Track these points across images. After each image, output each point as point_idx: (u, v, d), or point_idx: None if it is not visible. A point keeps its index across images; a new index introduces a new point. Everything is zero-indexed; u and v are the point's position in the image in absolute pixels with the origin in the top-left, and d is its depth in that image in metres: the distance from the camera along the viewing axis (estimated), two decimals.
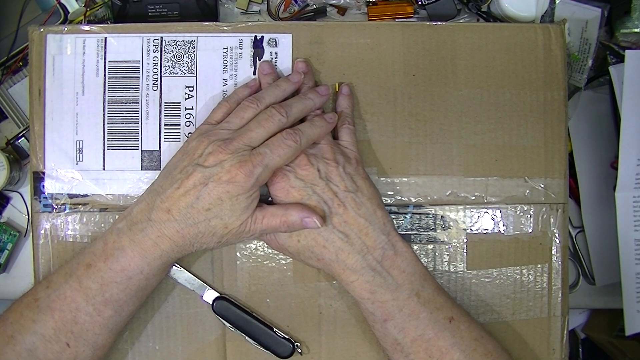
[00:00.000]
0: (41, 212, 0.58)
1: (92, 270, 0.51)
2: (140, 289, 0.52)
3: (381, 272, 0.52)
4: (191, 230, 0.50)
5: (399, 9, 0.65)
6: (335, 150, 0.54)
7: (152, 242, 0.50)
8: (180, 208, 0.50)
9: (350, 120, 0.57)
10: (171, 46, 0.58)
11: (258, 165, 0.50)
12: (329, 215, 0.52)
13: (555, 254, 0.59)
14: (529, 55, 0.59)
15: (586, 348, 0.92)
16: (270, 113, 0.53)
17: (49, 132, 0.58)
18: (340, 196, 0.53)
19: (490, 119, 0.59)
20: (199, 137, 0.53)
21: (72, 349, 0.51)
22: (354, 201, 0.53)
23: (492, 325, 0.59)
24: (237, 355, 0.58)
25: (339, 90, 0.58)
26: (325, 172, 0.53)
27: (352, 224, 0.52)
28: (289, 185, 0.53)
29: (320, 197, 0.52)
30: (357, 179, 0.54)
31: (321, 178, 0.53)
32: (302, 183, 0.53)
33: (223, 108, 0.55)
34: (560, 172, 0.59)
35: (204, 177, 0.50)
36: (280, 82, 0.56)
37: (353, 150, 0.56)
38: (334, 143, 0.55)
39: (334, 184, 0.53)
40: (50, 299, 0.51)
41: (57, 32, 0.58)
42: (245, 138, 0.51)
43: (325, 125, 0.55)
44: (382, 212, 0.54)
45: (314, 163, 0.53)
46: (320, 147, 0.54)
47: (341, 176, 0.53)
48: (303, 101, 0.55)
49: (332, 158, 0.54)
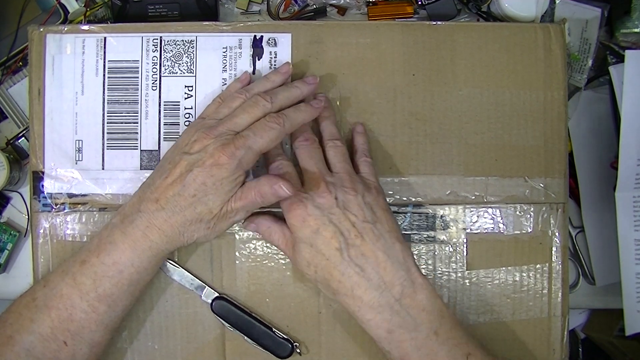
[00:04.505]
0: (40, 211, 0.58)
1: (86, 266, 0.51)
2: (132, 283, 0.52)
3: (399, 311, 0.50)
4: (178, 218, 0.50)
5: (399, 9, 0.65)
6: (354, 179, 0.53)
7: (141, 233, 0.50)
8: (168, 197, 0.50)
9: (367, 154, 0.56)
10: (171, 46, 0.58)
11: (241, 147, 0.50)
12: (344, 247, 0.50)
13: (555, 254, 0.59)
14: (529, 55, 0.59)
15: (586, 348, 0.92)
16: (255, 100, 0.53)
17: (48, 131, 0.58)
18: (358, 226, 0.51)
19: (490, 119, 0.59)
20: (188, 129, 0.54)
21: (69, 347, 0.50)
22: (373, 233, 0.51)
23: (492, 325, 0.59)
24: (236, 355, 0.58)
25: (354, 128, 0.58)
26: (344, 200, 0.51)
27: (370, 257, 0.50)
28: (306, 212, 0.51)
29: (337, 227, 0.50)
30: (377, 209, 0.52)
31: (338, 207, 0.51)
32: (319, 211, 0.51)
33: (215, 103, 0.56)
34: (560, 171, 0.59)
35: (189, 164, 0.50)
36: (269, 75, 0.56)
37: (373, 181, 0.55)
38: (354, 173, 0.54)
39: (352, 213, 0.51)
40: (47, 298, 0.51)
41: (57, 31, 0.58)
42: (229, 124, 0.52)
43: (309, 110, 0.55)
44: (402, 246, 0.51)
45: (332, 191, 0.52)
46: (339, 176, 0.53)
47: (360, 205, 0.51)
48: (290, 89, 0.55)
49: (351, 187, 0.52)
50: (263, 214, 0.56)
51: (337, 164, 0.54)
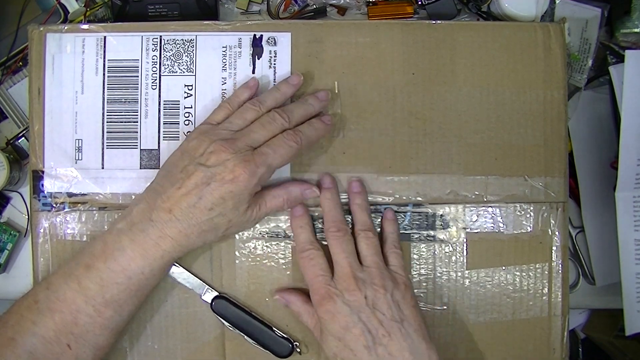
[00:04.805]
0: (40, 210, 0.58)
1: (91, 271, 0.51)
2: (140, 288, 0.52)
3: None
4: (194, 229, 0.51)
5: (399, 9, 0.65)
6: (384, 275, 0.53)
7: (153, 243, 0.50)
8: (182, 208, 0.50)
9: (397, 245, 0.57)
10: (170, 45, 0.58)
11: (261, 165, 0.51)
12: (372, 346, 0.51)
13: (555, 253, 0.58)
14: (528, 55, 0.59)
15: (586, 348, 0.92)
16: (273, 117, 0.53)
17: (48, 131, 0.58)
18: (386, 325, 0.51)
19: (490, 118, 0.59)
20: (200, 136, 0.52)
21: (72, 350, 0.50)
22: (400, 332, 0.51)
23: (492, 325, 0.58)
24: (236, 355, 0.58)
25: (384, 214, 0.58)
26: (373, 298, 0.52)
27: (397, 356, 0.50)
28: (336, 309, 0.52)
29: (366, 325, 0.51)
30: (405, 307, 0.53)
31: (368, 305, 0.52)
32: (349, 309, 0.51)
33: (224, 109, 0.55)
34: (560, 170, 0.59)
35: (206, 177, 0.50)
36: (281, 86, 0.57)
37: (402, 275, 0.55)
38: (384, 267, 0.55)
39: (380, 311, 0.52)
40: (50, 301, 0.50)
41: (57, 31, 0.58)
42: (247, 139, 0.52)
43: (323, 128, 0.56)
44: (428, 345, 0.52)
45: (362, 289, 0.52)
46: (369, 272, 0.53)
47: (389, 304, 0.52)
48: (304, 106, 0.56)
49: (381, 284, 0.52)
50: (294, 291, 0.57)
51: (368, 257, 0.55)
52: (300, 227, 0.56)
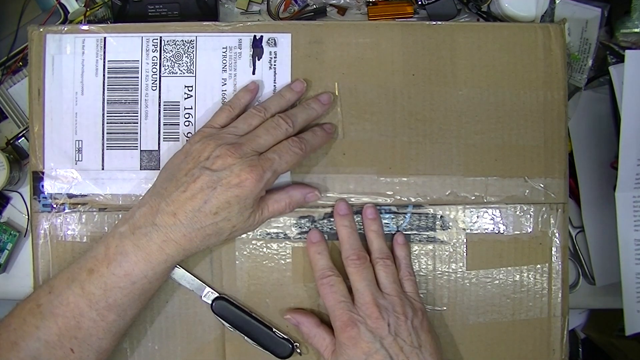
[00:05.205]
0: (40, 211, 0.58)
1: (94, 276, 0.50)
2: (144, 292, 0.52)
3: None
4: (199, 233, 0.51)
5: (399, 9, 0.65)
6: (404, 302, 0.54)
7: (157, 247, 0.50)
8: (187, 212, 0.50)
9: (411, 270, 0.57)
10: (170, 46, 0.58)
11: (267, 170, 0.51)
12: None
13: (555, 254, 0.59)
14: (528, 55, 0.59)
15: (586, 348, 0.92)
16: (278, 122, 0.54)
17: (48, 131, 0.58)
18: (406, 351, 0.52)
19: (490, 119, 0.59)
20: (204, 140, 0.52)
21: (76, 354, 0.50)
22: (418, 357, 0.53)
23: (492, 325, 0.59)
24: (236, 356, 0.58)
25: (395, 239, 0.58)
26: (395, 326, 0.53)
27: None
28: (359, 336, 0.52)
29: (387, 351, 0.52)
30: (422, 333, 0.54)
31: (390, 332, 0.52)
32: (372, 336, 0.52)
33: (226, 112, 0.56)
34: (560, 171, 0.59)
35: (212, 181, 0.50)
36: (284, 92, 0.57)
37: (418, 301, 0.56)
38: (403, 294, 0.55)
39: (401, 338, 0.53)
40: (53, 305, 0.50)
41: (57, 31, 0.58)
42: (253, 144, 0.52)
43: (325, 136, 0.57)
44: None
45: (385, 316, 0.53)
46: (391, 300, 0.54)
47: (409, 331, 0.53)
48: (307, 111, 0.56)
49: (402, 312, 0.53)
50: (306, 312, 0.57)
51: (387, 286, 0.55)
52: (318, 254, 0.57)
